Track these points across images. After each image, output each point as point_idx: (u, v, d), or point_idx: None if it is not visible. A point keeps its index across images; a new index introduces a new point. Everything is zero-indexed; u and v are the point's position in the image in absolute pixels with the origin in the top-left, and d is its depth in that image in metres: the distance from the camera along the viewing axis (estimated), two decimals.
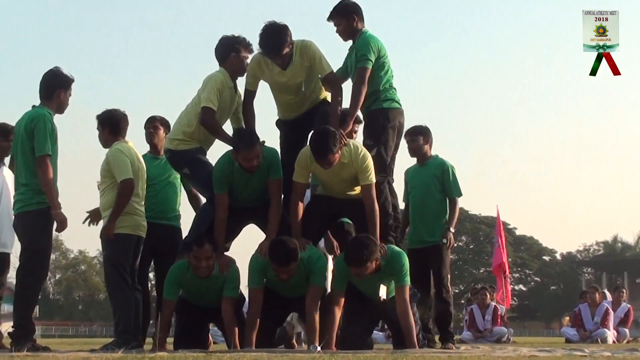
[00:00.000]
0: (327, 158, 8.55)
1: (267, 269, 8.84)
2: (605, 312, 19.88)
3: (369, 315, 9.30)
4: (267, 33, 9.01)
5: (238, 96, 9.64)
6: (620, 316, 20.85)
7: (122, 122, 9.55)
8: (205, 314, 9.45)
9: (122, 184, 9.14)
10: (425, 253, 10.41)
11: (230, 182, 9.09)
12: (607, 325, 19.59)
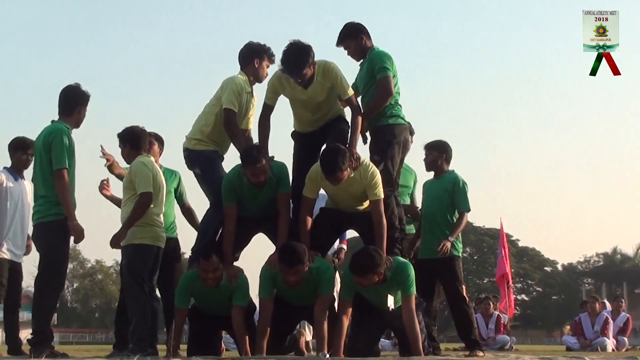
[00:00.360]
0: (335, 175, 8.55)
1: (276, 279, 8.84)
2: (605, 321, 19.87)
3: (376, 323, 9.26)
4: (289, 52, 8.95)
5: (253, 101, 9.65)
6: (619, 325, 20.84)
7: (142, 138, 9.59)
8: (217, 322, 9.43)
9: (141, 196, 9.18)
10: (434, 265, 10.33)
11: (238, 195, 9.10)
12: (607, 334, 19.57)
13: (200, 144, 9.52)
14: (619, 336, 20.39)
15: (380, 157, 9.32)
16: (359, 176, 8.81)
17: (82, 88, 9.19)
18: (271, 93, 9.36)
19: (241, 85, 9.39)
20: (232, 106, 9.25)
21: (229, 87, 9.35)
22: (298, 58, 8.91)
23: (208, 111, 9.57)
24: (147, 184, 9.19)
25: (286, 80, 9.20)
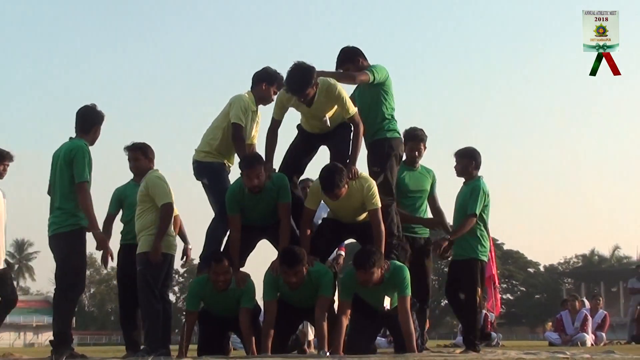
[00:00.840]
0: (333, 192, 8.59)
1: (279, 282, 8.87)
2: (584, 318, 19.86)
3: (373, 323, 9.28)
4: (293, 74, 8.84)
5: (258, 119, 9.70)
6: (597, 322, 20.81)
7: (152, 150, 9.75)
8: (225, 324, 9.42)
9: (164, 207, 9.25)
10: (459, 265, 10.48)
11: (241, 205, 9.09)
12: (586, 330, 19.57)
13: (208, 156, 9.57)
14: (597, 332, 20.37)
15: (380, 169, 9.31)
16: (357, 189, 8.82)
17: (97, 108, 9.21)
18: (279, 108, 9.30)
19: (247, 103, 9.44)
20: (240, 121, 9.30)
21: (237, 104, 9.39)
22: (301, 79, 8.80)
23: (216, 126, 9.60)
24: (166, 195, 9.35)
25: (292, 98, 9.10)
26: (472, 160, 10.53)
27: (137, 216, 9.47)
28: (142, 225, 9.37)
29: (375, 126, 9.45)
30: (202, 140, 9.70)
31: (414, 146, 10.14)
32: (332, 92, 9.03)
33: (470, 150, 10.64)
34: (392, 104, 9.58)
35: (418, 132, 10.17)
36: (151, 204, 9.34)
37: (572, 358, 7.87)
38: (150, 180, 9.43)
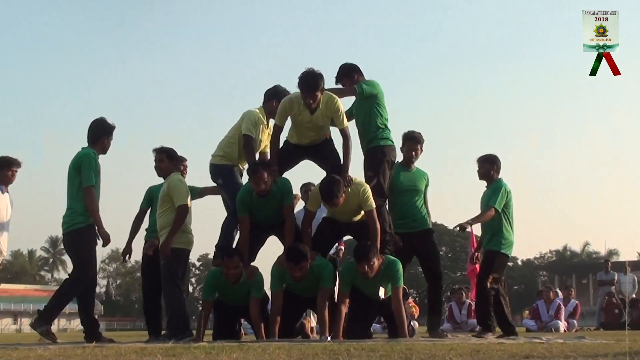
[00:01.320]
0: (332, 202, 8.75)
1: (285, 275, 8.94)
2: (558, 307, 19.89)
3: (369, 311, 9.34)
4: (306, 76, 8.97)
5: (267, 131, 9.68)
6: (569, 310, 20.82)
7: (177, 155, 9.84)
8: (237, 312, 9.45)
9: (179, 208, 9.26)
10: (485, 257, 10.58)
11: (249, 206, 9.15)
12: (559, 317, 19.58)
13: (223, 159, 9.71)
14: (569, 319, 20.35)
15: (374, 173, 9.40)
16: (353, 194, 8.92)
17: (107, 121, 9.24)
18: (281, 116, 9.30)
19: (258, 117, 9.54)
20: (250, 133, 9.42)
21: (248, 118, 9.53)
22: (313, 81, 8.96)
23: (231, 135, 9.74)
24: (184, 197, 9.34)
25: (297, 105, 9.16)
26: (493, 164, 10.57)
27: (160, 215, 9.47)
28: (164, 224, 9.38)
29: (370, 135, 9.53)
30: (218, 146, 9.82)
31: (411, 146, 10.07)
32: (332, 103, 9.16)
33: (492, 156, 10.65)
34: (385, 115, 9.64)
35: (416, 134, 10.11)
36: (171, 204, 9.35)
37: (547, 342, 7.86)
38: (171, 182, 9.45)
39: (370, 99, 9.56)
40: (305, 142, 9.61)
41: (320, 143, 9.61)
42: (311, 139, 9.57)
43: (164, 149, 9.78)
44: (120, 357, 5.57)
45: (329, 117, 9.28)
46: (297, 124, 9.45)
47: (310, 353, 5.62)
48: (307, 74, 8.99)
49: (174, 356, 5.47)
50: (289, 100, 9.27)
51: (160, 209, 9.50)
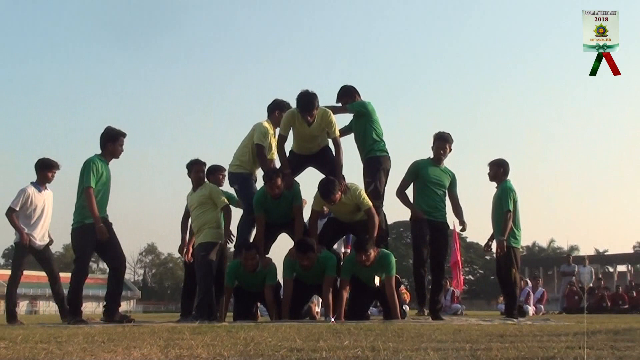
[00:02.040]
0: (329, 198, 8.79)
1: (295, 265, 8.94)
2: (528, 294, 19.85)
3: (366, 296, 9.32)
4: (304, 97, 9.04)
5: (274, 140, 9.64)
6: (537, 297, 20.77)
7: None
8: (254, 296, 9.47)
9: (225, 208, 9.36)
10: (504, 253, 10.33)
11: (265, 207, 9.16)
12: (529, 303, 19.53)
13: (239, 168, 9.65)
14: (537, 304, 20.31)
15: (371, 180, 9.41)
16: (349, 198, 8.97)
17: (112, 129, 9.10)
18: (285, 126, 9.33)
19: (267, 128, 9.52)
20: (261, 142, 9.41)
21: (259, 129, 9.50)
22: (310, 101, 9.03)
23: (244, 145, 9.68)
24: (223, 200, 9.43)
25: (296, 118, 9.23)
26: (501, 167, 10.50)
27: (199, 215, 9.44)
28: (204, 221, 9.38)
29: (368, 147, 9.53)
30: (234, 156, 9.77)
31: (440, 145, 9.80)
32: (326, 117, 9.24)
33: (501, 160, 10.58)
34: (379, 129, 9.64)
35: (445, 135, 9.86)
36: (211, 205, 9.37)
37: (518, 323, 7.84)
38: (212, 188, 9.53)
39: (364, 117, 9.59)
40: (304, 151, 9.68)
41: (320, 152, 9.65)
42: (309, 148, 9.64)
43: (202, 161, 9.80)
44: (155, 334, 5.56)
45: (323, 128, 9.32)
46: (297, 135, 9.52)
47: (316, 332, 5.61)
48: (304, 95, 9.06)
49: (199, 334, 5.46)
50: (290, 113, 9.31)
51: (198, 210, 9.47)
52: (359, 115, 9.62)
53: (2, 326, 8.66)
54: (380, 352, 3.75)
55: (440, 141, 9.81)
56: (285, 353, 3.72)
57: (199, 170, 9.65)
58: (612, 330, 6.10)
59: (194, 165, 9.66)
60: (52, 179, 10.50)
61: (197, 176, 9.61)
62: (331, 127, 9.27)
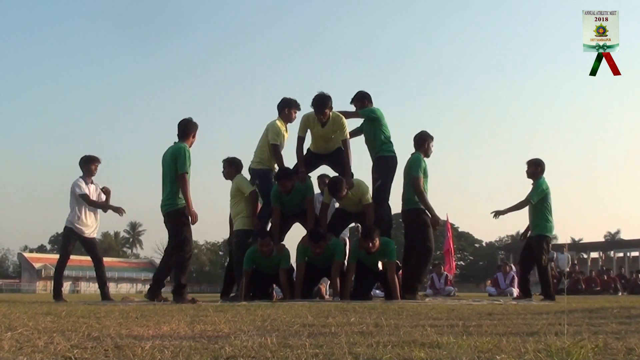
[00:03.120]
0: (337, 195, 8.94)
1: (307, 250, 8.99)
2: (512, 278, 19.81)
3: (370, 279, 9.33)
4: (317, 97, 9.16)
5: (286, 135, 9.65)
6: None
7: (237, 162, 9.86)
8: (270, 279, 9.47)
9: (252, 193, 9.42)
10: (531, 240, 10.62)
11: (280, 199, 9.18)
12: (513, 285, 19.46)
13: (260, 164, 9.62)
14: None
15: (379, 177, 9.45)
16: (354, 193, 9.04)
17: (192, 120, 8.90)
18: (302, 128, 9.44)
19: (279, 127, 9.46)
20: (275, 141, 9.36)
21: (272, 129, 9.43)
22: (323, 102, 9.14)
23: (262, 144, 9.61)
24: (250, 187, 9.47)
25: (312, 121, 9.33)
26: (538, 166, 10.61)
27: (233, 206, 9.59)
28: (237, 211, 9.51)
29: (377, 148, 9.57)
30: (255, 154, 9.72)
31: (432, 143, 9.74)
32: (338, 120, 9.30)
33: (538, 160, 10.67)
34: (387, 132, 9.65)
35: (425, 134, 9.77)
36: (241, 196, 9.46)
37: (504, 304, 7.84)
38: (238, 179, 9.59)
39: (374, 121, 9.61)
40: (321, 150, 9.69)
41: (334, 152, 9.62)
42: (325, 148, 9.64)
43: (228, 159, 9.82)
44: (182, 311, 5.56)
45: (335, 130, 9.35)
46: (314, 137, 9.57)
47: (325, 310, 5.60)
48: (319, 96, 9.17)
49: (221, 312, 5.46)
50: (306, 116, 9.40)
51: (232, 201, 9.60)
52: (370, 120, 9.64)
53: (49, 303, 8.70)
54: (383, 328, 3.74)
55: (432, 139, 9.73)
56: (298, 328, 3.71)
57: (224, 167, 9.74)
58: (587, 309, 6.09)
59: (222, 163, 9.83)
60: (96, 171, 10.52)
61: (225, 172, 9.79)
62: (342, 129, 9.30)
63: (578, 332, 3.43)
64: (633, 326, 3.88)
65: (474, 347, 2.73)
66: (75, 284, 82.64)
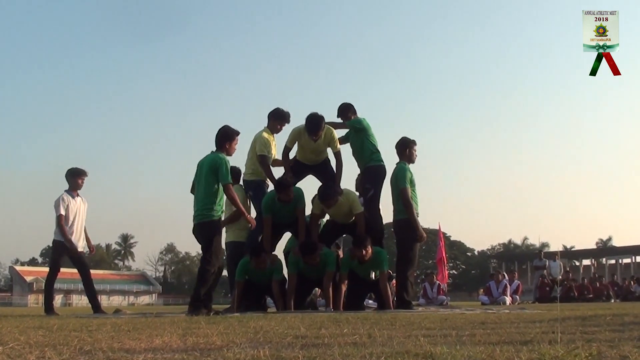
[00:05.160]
0: (327, 202, 8.93)
1: (298, 261, 8.96)
2: (505, 286, 19.86)
3: (363, 289, 9.31)
4: (311, 120, 9.15)
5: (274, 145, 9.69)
6: (513, 288, 20.72)
7: None
8: (263, 290, 9.43)
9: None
10: None
11: (273, 209, 9.13)
12: (506, 294, 19.54)
13: (252, 176, 9.68)
14: (513, 295, 20.26)
15: (370, 186, 9.48)
16: (344, 201, 9.02)
17: (229, 128, 8.49)
18: (292, 140, 9.49)
19: (267, 137, 9.53)
20: (262, 152, 9.41)
21: (259, 140, 9.49)
22: (318, 124, 9.14)
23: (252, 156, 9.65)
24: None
25: (303, 135, 9.35)
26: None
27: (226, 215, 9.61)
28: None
29: (365, 158, 9.58)
30: (246, 166, 9.79)
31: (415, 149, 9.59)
32: (329, 134, 9.37)
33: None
34: (374, 142, 9.67)
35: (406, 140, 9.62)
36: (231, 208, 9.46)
37: (497, 312, 7.83)
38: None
39: (361, 132, 9.63)
40: (308, 161, 9.74)
41: (321, 163, 9.72)
42: (313, 160, 9.71)
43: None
44: (174, 324, 5.53)
45: (326, 143, 9.43)
46: (303, 148, 9.60)
47: (318, 321, 5.59)
48: (313, 118, 9.15)
49: (214, 323, 5.44)
50: (298, 130, 9.39)
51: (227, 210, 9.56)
52: (357, 130, 9.64)
53: (40, 316, 8.65)
54: (377, 338, 3.73)
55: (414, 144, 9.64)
56: (291, 340, 3.70)
57: None
58: (580, 316, 6.09)
59: None
60: (82, 185, 10.46)
61: None
62: (333, 142, 9.39)
63: (572, 340, 3.43)
64: (626, 334, 3.89)
65: (468, 356, 2.72)
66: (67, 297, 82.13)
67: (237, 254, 9.37)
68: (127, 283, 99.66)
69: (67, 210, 10.13)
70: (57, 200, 10.15)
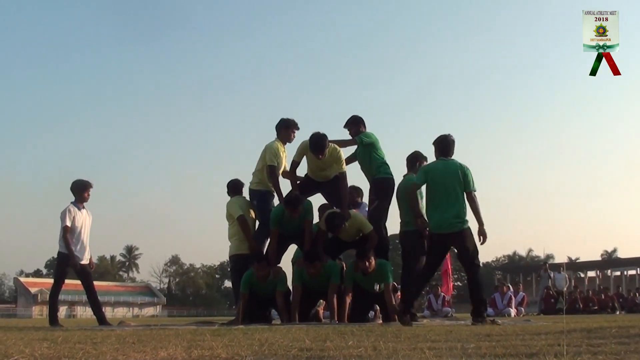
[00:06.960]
0: (335, 231, 9.08)
1: (303, 273, 8.95)
2: (510, 298, 19.87)
3: (367, 301, 9.29)
4: (315, 140, 9.16)
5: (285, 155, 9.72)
6: (518, 300, 20.74)
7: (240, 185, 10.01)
8: (267, 302, 9.38)
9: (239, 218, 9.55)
10: None
11: (280, 222, 9.14)
12: (511, 306, 19.54)
13: (258, 185, 9.66)
14: (518, 307, 20.26)
15: (375, 198, 9.47)
16: (350, 224, 9.07)
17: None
18: (299, 154, 9.46)
19: (277, 147, 9.53)
20: (272, 162, 9.39)
21: (270, 150, 9.49)
22: (322, 144, 9.14)
23: (261, 166, 9.64)
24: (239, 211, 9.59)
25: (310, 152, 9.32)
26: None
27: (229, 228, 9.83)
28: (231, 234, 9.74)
29: (373, 171, 9.56)
30: (254, 175, 9.76)
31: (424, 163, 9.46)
32: (335, 153, 9.39)
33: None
34: (382, 155, 9.64)
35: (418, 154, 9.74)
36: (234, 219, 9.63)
37: (502, 324, 7.81)
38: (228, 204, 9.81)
39: (368, 146, 9.60)
40: (319, 178, 9.70)
41: (330, 181, 9.63)
42: (321, 176, 9.66)
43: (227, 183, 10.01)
44: (179, 336, 5.53)
45: (332, 162, 9.41)
46: (311, 163, 9.59)
47: (323, 333, 5.58)
48: (317, 138, 9.17)
49: (219, 336, 5.43)
50: (306, 145, 9.36)
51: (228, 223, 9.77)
52: (364, 145, 9.60)
53: (45, 328, 8.64)
54: (382, 351, 3.72)
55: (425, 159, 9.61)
56: (296, 352, 3.69)
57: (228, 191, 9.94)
58: (586, 329, 6.06)
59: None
60: (89, 197, 10.44)
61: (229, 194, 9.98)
62: (339, 162, 9.41)
63: (578, 352, 3.41)
64: (632, 346, 3.87)
65: None
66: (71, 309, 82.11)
67: (239, 267, 9.38)
68: (132, 294, 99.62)
69: (73, 222, 10.09)
70: (63, 212, 10.12)
